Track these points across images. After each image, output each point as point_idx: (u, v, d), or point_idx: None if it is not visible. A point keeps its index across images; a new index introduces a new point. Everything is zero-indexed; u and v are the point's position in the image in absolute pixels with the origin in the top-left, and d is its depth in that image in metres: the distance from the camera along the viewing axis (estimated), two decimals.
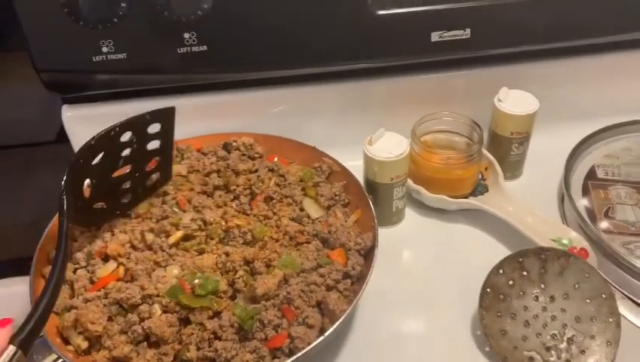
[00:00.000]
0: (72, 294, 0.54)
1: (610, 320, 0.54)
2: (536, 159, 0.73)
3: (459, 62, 0.73)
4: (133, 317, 0.51)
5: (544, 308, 0.55)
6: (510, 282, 0.56)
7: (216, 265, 0.55)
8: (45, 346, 0.49)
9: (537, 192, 0.71)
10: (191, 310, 0.51)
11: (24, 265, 0.55)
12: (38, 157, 0.84)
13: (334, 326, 0.49)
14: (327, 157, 0.66)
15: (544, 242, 0.61)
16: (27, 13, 0.60)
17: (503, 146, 0.71)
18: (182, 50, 0.64)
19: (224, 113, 0.72)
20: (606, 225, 0.64)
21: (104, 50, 0.63)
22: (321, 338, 0.49)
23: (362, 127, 0.65)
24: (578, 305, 0.55)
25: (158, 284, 0.53)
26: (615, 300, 0.55)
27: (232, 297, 0.54)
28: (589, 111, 0.76)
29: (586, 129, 0.73)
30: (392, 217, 0.68)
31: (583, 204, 0.67)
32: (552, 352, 0.53)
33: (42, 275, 0.55)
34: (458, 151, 0.68)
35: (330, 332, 0.49)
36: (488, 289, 0.56)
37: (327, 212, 0.62)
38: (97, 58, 0.63)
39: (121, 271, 0.55)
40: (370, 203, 0.60)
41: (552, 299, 0.56)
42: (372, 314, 0.59)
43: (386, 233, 0.66)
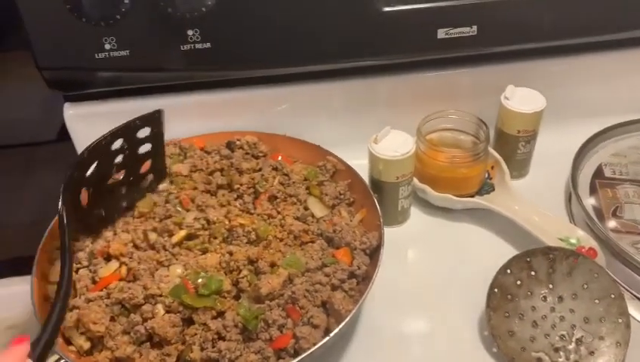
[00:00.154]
0: (75, 294, 0.54)
1: (619, 320, 0.53)
2: (543, 158, 0.72)
3: (465, 60, 0.72)
4: (136, 317, 0.50)
5: (552, 309, 0.55)
6: (518, 282, 0.56)
7: (219, 264, 0.54)
8: None
9: (544, 191, 0.70)
10: (194, 310, 0.51)
11: (24, 264, 0.55)
12: (38, 156, 0.84)
13: (340, 326, 0.49)
14: (332, 155, 0.65)
15: (551, 241, 0.60)
16: (29, 10, 0.60)
17: (510, 144, 0.70)
18: (185, 47, 0.63)
19: (228, 111, 0.71)
20: (614, 224, 0.63)
21: (107, 47, 0.62)
22: (327, 338, 0.48)
23: (367, 125, 0.64)
24: (587, 305, 0.54)
25: (161, 284, 0.52)
26: (624, 300, 0.54)
27: (236, 297, 0.53)
28: (597, 109, 0.75)
29: (594, 127, 0.73)
30: (397, 216, 0.67)
31: (590, 203, 0.66)
32: (561, 353, 0.53)
33: (44, 276, 0.55)
34: (464, 149, 0.67)
35: (335, 333, 0.48)
36: (496, 290, 0.56)
37: (332, 211, 0.61)
38: (100, 55, 0.62)
39: (123, 270, 0.54)
40: (376, 202, 0.59)
41: (560, 299, 0.55)
42: (378, 314, 0.59)
43: (392, 232, 0.66)
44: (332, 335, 0.48)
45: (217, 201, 0.61)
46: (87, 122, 0.70)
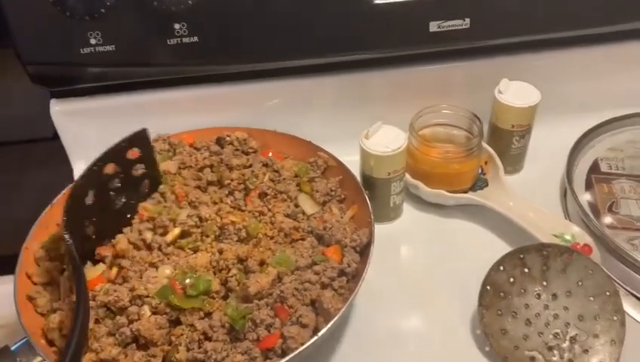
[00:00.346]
0: (58, 296, 0.53)
1: (614, 318, 0.53)
2: (538, 153, 0.71)
3: (458, 53, 0.71)
4: (122, 319, 0.49)
5: (546, 306, 0.54)
6: (511, 279, 0.55)
7: (210, 263, 0.53)
8: (30, 348, 0.47)
9: (539, 187, 0.69)
10: (182, 311, 0.50)
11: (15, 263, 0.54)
12: (34, 154, 0.83)
13: (328, 325, 0.48)
14: (323, 151, 0.64)
15: (546, 238, 0.59)
16: (12, 3, 0.59)
17: (504, 139, 0.69)
18: (172, 41, 0.62)
19: (217, 107, 0.70)
20: (610, 220, 0.62)
21: (92, 41, 0.61)
22: (315, 338, 0.47)
23: (359, 120, 0.63)
24: (581, 302, 0.53)
25: (148, 285, 0.51)
26: (619, 297, 0.53)
27: (225, 297, 0.52)
28: (592, 103, 0.74)
29: (589, 121, 0.72)
30: (389, 213, 0.66)
31: (585, 198, 0.65)
32: (555, 352, 0.52)
33: (27, 275, 0.54)
34: (457, 144, 0.66)
35: (324, 332, 0.47)
36: (488, 287, 0.55)
37: (323, 208, 0.60)
38: (85, 50, 0.61)
39: (113, 272, 0.53)
40: (367, 198, 0.58)
41: (554, 296, 0.54)
42: (368, 313, 0.58)
43: (384, 229, 0.65)
44: (320, 334, 0.47)
45: (210, 198, 0.60)
46: (74, 119, 0.69)
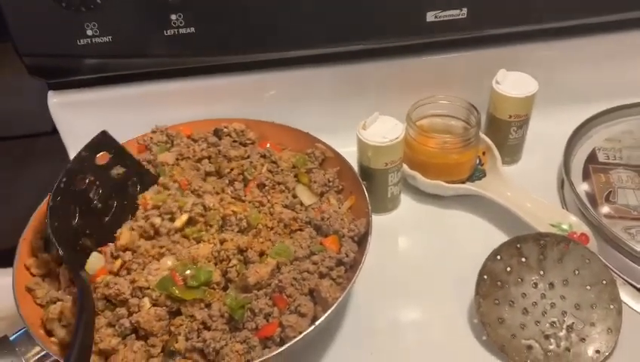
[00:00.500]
0: (59, 286, 0.53)
1: (611, 306, 0.53)
2: (536, 143, 0.71)
3: (455, 44, 0.71)
4: (122, 310, 0.49)
5: (543, 295, 0.54)
6: (508, 268, 0.55)
7: (211, 254, 0.53)
8: (29, 338, 0.47)
9: (536, 177, 0.69)
10: (182, 302, 0.50)
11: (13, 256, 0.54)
12: (34, 148, 0.83)
13: (326, 314, 0.48)
14: (321, 142, 0.64)
15: (543, 228, 0.60)
16: None
17: (502, 130, 0.69)
18: (169, 32, 0.62)
19: (214, 98, 0.70)
20: (607, 209, 0.63)
21: (89, 33, 0.61)
22: (313, 326, 0.47)
23: (356, 111, 0.63)
24: (578, 291, 0.54)
25: (149, 276, 0.51)
26: (616, 286, 0.54)
27: (225, 288, 0.52)
28: (590, 93, 0.74)
29: (587, 111, 0.72)
30: (387, 203, 0.66)
31: (583, 188, 0.65)
32: (552, 340, 0.52)
33: (26, 266, 0.54)
34: (455, 135, 0.66)
35: (321, 321, 0.48)
36: (485, 276, 0.55)
37: (321, 198, 0.61)
38: (82, 41, 0.61)
39: (117, 264, 0.52)
40: (364, 189, 0.59)
41: (551, 285, 0.54)
42: (366, 303, 0.58)
43: (382, 220, 0.65)
44: (318, 323, 0.47)
45: (212, 188, 0.60)
46: (72, 111, 0.69)
